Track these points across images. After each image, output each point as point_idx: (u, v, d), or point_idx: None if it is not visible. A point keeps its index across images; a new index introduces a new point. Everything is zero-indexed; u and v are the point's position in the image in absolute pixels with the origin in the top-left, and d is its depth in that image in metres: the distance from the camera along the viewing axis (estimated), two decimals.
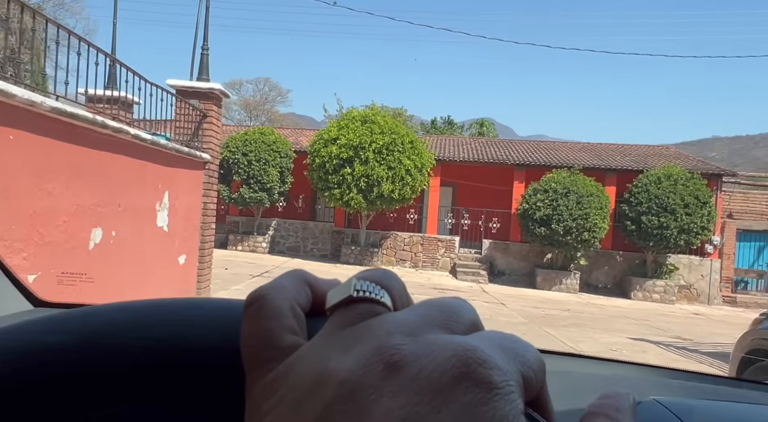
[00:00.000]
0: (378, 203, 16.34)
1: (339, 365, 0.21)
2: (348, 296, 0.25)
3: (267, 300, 0.26)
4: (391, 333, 0.23)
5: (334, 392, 0.20)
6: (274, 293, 0.26)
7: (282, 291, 0.27)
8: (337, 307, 0.26)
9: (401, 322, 0.23)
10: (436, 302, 0.26)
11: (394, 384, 0.20)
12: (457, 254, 18.36)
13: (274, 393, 0.23)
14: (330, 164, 16.11)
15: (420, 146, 16.78)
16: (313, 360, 0.23)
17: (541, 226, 16.26)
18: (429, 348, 0.21)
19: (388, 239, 18.44)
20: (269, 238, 18.25)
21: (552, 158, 18.83)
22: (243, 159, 16.81)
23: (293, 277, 0.29)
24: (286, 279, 0.28)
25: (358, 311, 0.25)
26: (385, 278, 0.27)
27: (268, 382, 0.24)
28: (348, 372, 0.21)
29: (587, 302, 15.39)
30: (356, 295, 0.25)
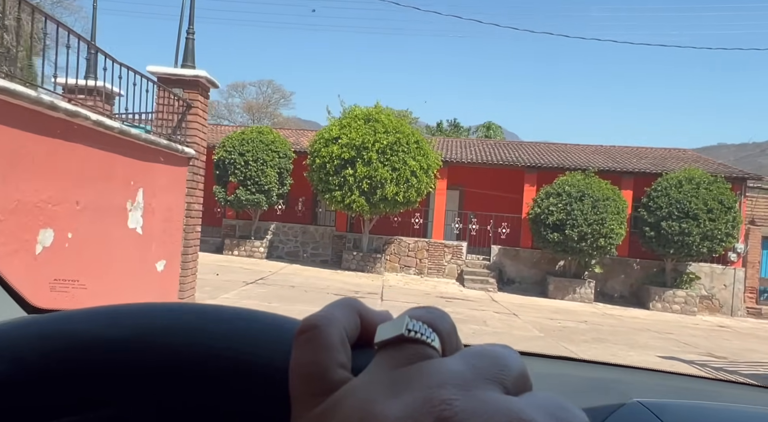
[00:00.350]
0: (381, 206, 15.48)
1: (386, 410, 0.21)
2: (399, 334, 0.25)
3: (320, 331, 0.26)
4: (443, 385, 0.22)
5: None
6: (327, 324, 0.26)
7: (335, 322, 0.27)
8: (386, 344, 0.25)
9: (453, 373, 0.23)
10: (486, 352, 0.25)
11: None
12: (464, 260, 17.46)
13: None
14: (331, 165, 15.27)
15: (426, 146, 15.91)
16: (361, 398, 0.23)
17: (553, 231, 15.35)
18: (482, 407, 0.21)
19: (392, 245, 17.55)
20: (267, 242, 17.40)
21: (564, 161, 17.92)
22: (240, 159, 15.99)
23: (346, 306, 0.28)
24: (339, 309, 0.28)
25: (408, 353, 0.24)
26: (437, 319, 0.26)
27: (315, 415, 0.23)
28: (395, 420, 0.21)
29: (604, 313, 14.45)
30: (408, 335, 0.25)
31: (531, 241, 17.17)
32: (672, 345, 10.08)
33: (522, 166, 17.47)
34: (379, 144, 15.07)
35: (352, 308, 0.28)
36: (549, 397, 0.23)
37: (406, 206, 16.05)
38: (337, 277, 15.38)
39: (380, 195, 15.21)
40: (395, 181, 15.24)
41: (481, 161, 17.78)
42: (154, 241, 6.98)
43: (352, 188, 15.24)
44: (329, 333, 0.26)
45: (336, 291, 12.85)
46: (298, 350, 0.25)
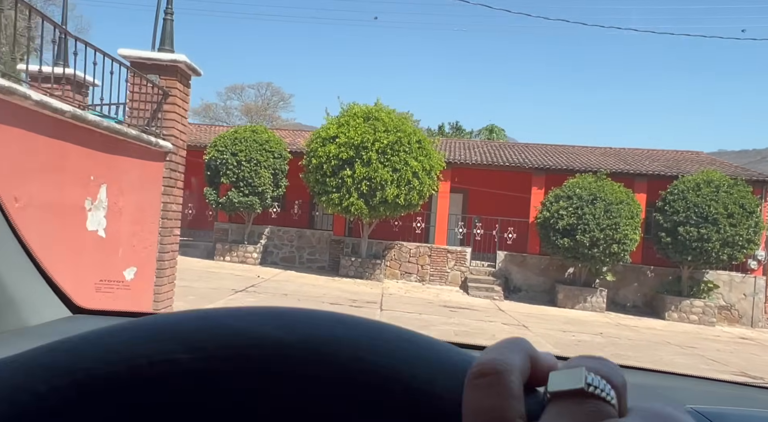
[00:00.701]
0: (381, 209, 14.61)
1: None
2: (580, 388, 0.24)
3: (503, 377, 0.25)
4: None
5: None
6: (509, 371, 0.25)
7: (515, 370, 0.26)
8: (562, 395, 0.24)
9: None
10: (659, 413, 0.24)
11: None
12: (468, 267, 16.58)
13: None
14: (328, 166, 14.42)
15: (428, 146, 15.07)
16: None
17: (563, 237, 14.48)
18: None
19: (393, 250, 16.68)
20: (261, 247, 16.53)
21: (574, 163, 17.07)
22: (232, 159, 15.14)
23: (521, 350, 0.27)
24: (517, 354, 0.27)
25: (587, 409, 0.23)
26: (613, 373, 0.25)
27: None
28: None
29: (618, 324, 13.57)
30: (588, 389, 0.24)
31: (539, 247, 16.30)
32: (699, 362, 9.19)
33: (529, 168, 16.61)
34: (379, 144, 14.23)
35: (525, 352, 0.27)
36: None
37: (408, 210, 15.20)
38: (333, 284, 14.50)
39: (380, 198, 14.36)
40: (396, 182, 14.38)
41: (486, 162, 16.92)
42: (122, 246, 6.13)
43: (350, 189, 14.39)
44: (511, 381, 0.24)
45: (332, 300, 11.98)
46: (478, 393, 0.24)
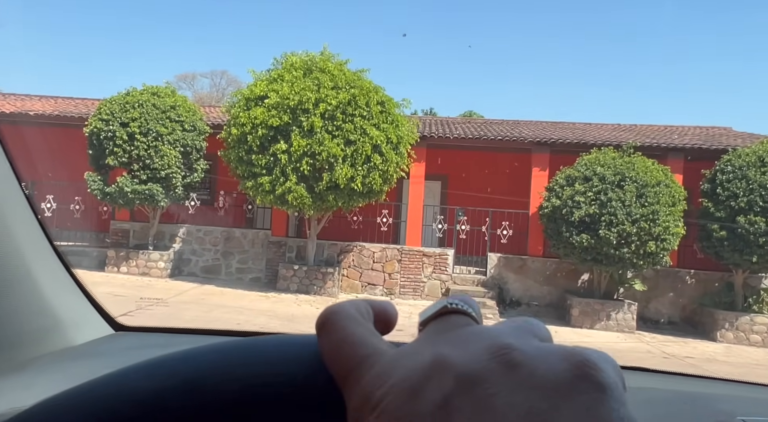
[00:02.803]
0: (330, 198, 10.49)
1: (457, 357, 0.23)
2: (444, 307, 0.28)
3: (338, 311, 0.28)
4: (500, 336, 0.24)
5: (453, 382, 0.21)
6: (341, 307, 0.28)
7: (346, 304, 0.29)
8: (431, 319, 0.28)
9: (501, 330, 0.26)
10: (517, 319, 0.28)
11: (512, 381, 0.21)
12: (451, 274, 12.57)
13: (384, 383, 0.24)
14: (254, 137, 10.24)
15: (394, 109, 11.00)
16: (424, 353, 0.24)
17: (581, 232, 10.56)
18: (539, 351, 0.23)
19: (350, 254, 12.56)
20: (173, 254, 12.21)
21: (585, 136, 13.18)
22: (121, 132, 10.82)
23: (352, 301, 0.31)
24: (350, 303, 0.30)
25: (453, 321, 0.27)
26: (469, 300, 0.30)
27: (374, 375, 0.24)
28: (466, 364, 0.22)
29: (660, 351, 9.70)
30: (450, 307, 0.28)
31: (543, 246, 12.38)
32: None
33: (528, 142, 12.65)
34: (325, 105, 10.11)
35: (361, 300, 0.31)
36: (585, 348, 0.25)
37: (368, 199, 11.11)
38: (265, 304, 10.31)
39: (328, 181, 10.23)
40: (350, 160, 10.28)
41: (472, 136, 12.90)
42: None
43: (285, 170, 10.23)
44: (348, 310, 0.27)
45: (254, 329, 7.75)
46: (326, 336, 0.26)
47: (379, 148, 10.42)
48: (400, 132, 10.88)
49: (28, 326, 0.77)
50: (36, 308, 0.78)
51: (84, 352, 0.81)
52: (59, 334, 0.81)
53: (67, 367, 0.75)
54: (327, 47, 11.10)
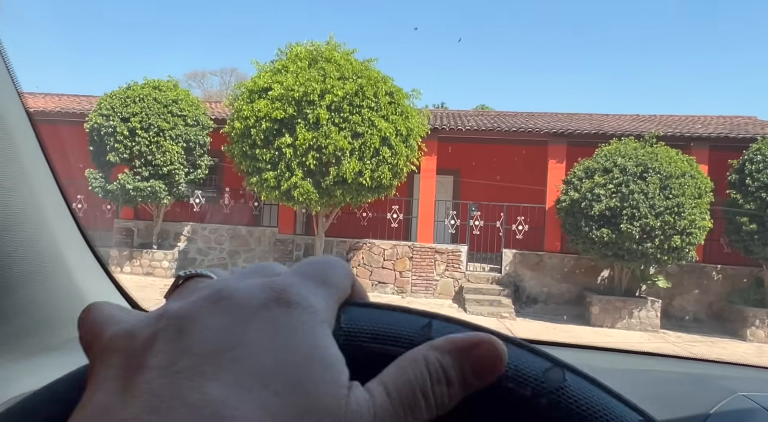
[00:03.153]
0: (338, 193, 10.08)
1: (174, 306, 0.26)
2: (177, 277, 0.31)
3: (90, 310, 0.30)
4: (217, 282, 0.28)
5: (165, 322, 0.25)
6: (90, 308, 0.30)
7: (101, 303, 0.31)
8: (170, 292, 0.31)
9: (227, 276, 0.30)
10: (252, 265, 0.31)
11: (214, 311, 0.25)
12: (464, 272, 12.10)
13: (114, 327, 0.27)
14: (258, 131, 9.85)
15: (403, 100, 10.55)
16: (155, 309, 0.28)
17: (602, 226, 10.04)
18: (246, 285, 0.27)
19: (360, 252, 12.15)
20: (177, 253, 11.88)
21: (603, 127, 12.63)
22: (122, 127, 10.49)
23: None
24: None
25: (187, 286, 0.30)
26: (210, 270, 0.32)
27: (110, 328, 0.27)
28: (178, 307, 0.26)
29: (687, 352, 9.14)
30: (185, 275, 0.31)
31: (560, 242, 11.88)
32: None
33: (544, 133, 12.13)
34: (331, 96, 9.68)
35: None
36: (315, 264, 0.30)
37: (377, 194, 10.68)
38: None
39: (335, 176, 9.82)
40: (358, 153, 9.86)
41: (485, 128, 12.40)
42: None
43: (291, 165, 9.83)
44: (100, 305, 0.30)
45: None
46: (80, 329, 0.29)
47: (388, 140, 9.99)
48: (410, 124, 10.43)
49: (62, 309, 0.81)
50: (68, 292, 0.81)
51: None
52: None
53: None
54: (333, 37, 10.68)
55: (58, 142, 12.25)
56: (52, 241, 0.77)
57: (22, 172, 0.71)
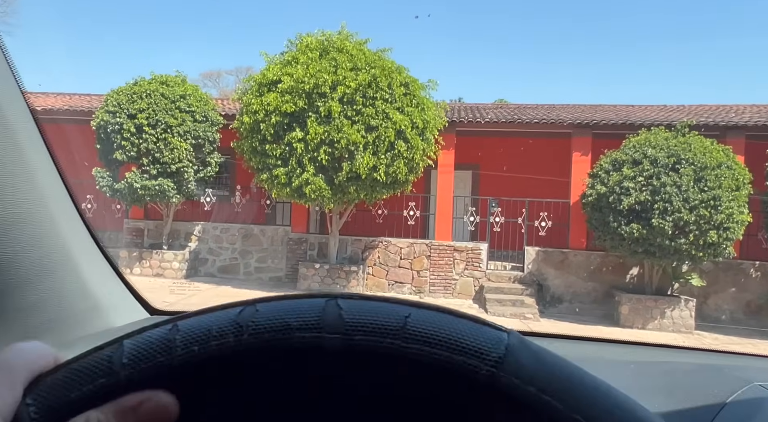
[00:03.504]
0: (351, 189, 9.63)
1: None
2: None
3: None
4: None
5: None
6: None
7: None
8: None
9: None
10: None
11: None
12: (485, 270, 11.59)
13: None
14: (267, 125, 9.44)
15: (419, 91, 10.06)
16: None
17: (631, 222, 9.46)
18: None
19: (376, 250, 11.70)
20: (188, 253, 11.55)
21: (631, 117, 11.99)
22: (129, 124, 10.16)
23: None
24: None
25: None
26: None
27: None
28: None
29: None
30: None
31: (586, 238, 11.30)
32: None
33: (568, 124, 11.55)
34: (343, 88, 9.24)
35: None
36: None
37: (392, 190, 10.22)
38: None
39: (348, 171, 9.38)
40: (372, 147, 9.40)
41: (506, 120, 11.86)
42: None
43: (302, 161, 9.41)
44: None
45: None
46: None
47: (403, 133, 9.51)
48: (427, 116, 9.94)
49: (71, 308, 0.81)
50: (78, 292, 0.82)
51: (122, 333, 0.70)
52: (100, 316, 0.87)
53: None
54: (345, 26, 10.22)
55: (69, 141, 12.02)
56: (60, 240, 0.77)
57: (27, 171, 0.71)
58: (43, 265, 0.74)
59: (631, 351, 1.23)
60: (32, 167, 0.71)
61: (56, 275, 0.77)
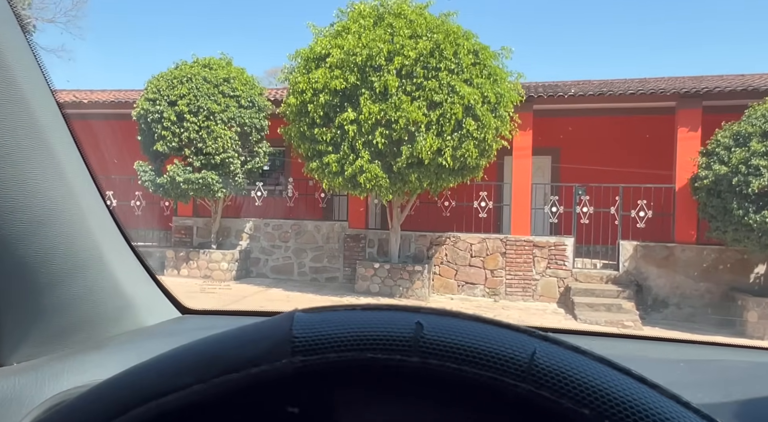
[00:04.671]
0: (412, 177, 8.31)
1: None
2: None
3: None
4: None
5: None
6: None
7: None
8: None
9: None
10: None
11: None
12: (570, 269, 9.95)
13: None
14: (316, 106, 8.27)
15: (490, 60, 8.58)
16: None
17: (762, 208, 7.58)
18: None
19: (443, 247, 10.32)
20: (238, 253, 10.62)
21: (751, 83, 9.95)
22: (169, 112, 9.31)
23: None
24: None
25: None
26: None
27: None
28: None
29: None
30: None
31: (696, 230, 9.42)
32: None
33: (673, 94, 9.66)
34: (401, 58, 7.91)
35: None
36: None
37: (461, 177, 8.81)
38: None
39: (408, 156, 8.05)
40: (436, 127, 8.03)
41: (596, 94, 10.15)
42: None
43: (354, 145, 8.17)
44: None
45: None
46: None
47: (472, 110, 8.07)
48: (500, 89, 8.44)
49: (103, 307, 0.82)
50: (110, 291, 0.82)
51: (155, 332, 0.89)
52: (132, 315, 0.87)
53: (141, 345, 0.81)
54: None
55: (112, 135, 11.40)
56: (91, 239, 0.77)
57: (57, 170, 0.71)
58: (75, 263, 0.74)
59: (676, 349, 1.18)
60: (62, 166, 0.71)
61: (88, 274, 0.77)
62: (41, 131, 0.67)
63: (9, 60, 0.63)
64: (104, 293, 0.81)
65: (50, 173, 0.68)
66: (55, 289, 0.72)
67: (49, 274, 0.70)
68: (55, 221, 0.69)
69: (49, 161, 0.68)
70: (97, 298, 0.80)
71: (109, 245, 0.81)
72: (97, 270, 0.78)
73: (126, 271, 0.86)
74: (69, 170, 0.72)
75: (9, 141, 0.62)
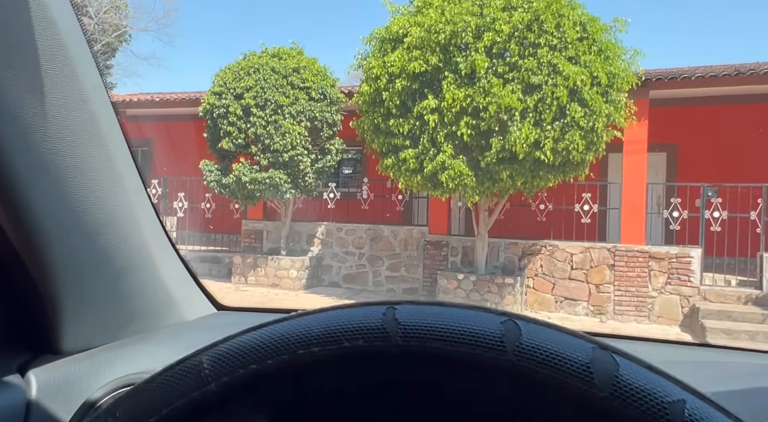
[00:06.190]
0: (504, 175, 7.03)
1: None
2: None
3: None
4: None
5: None
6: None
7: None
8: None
9: None
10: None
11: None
12: (697, 286, 8.23)
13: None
14: (392, 94, 7.21)
15: (600, 35, 7.14)
16: None
17: None
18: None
19: (537, 257, 8.91)
20: (309, 260, 9.75)
21: None
22: (235, 106, 8.60)
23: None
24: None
25: None
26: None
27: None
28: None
29: None
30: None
31: None
32: None
33: None
34: (492, 34, 6.68)
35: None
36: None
37: (562, 174, 7.41)
38: None
39: (499, 150, 6.79)
40: (533, 115, 6.71)
41: (732, 74, 8.39)
42: None
43: (435, 138, 7.02)
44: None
45: None
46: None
47: (578, 93, 6.68)
48: (613, 68, 6.98)
49: (151, 302, 0.87)
50: (156, 288, 0.87)
51: (194, 326, 0.94)
52: (174, 310, 0.92)
53: (183, 338, 0.87)
54: None
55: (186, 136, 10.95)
56: (142, 239, 0.82)
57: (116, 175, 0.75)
58: (130, 262, 0.79)
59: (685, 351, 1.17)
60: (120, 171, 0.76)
61: (139, 272, 0.82)
62: (105, 141, 0.72)
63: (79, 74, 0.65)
64: (152, 290, 0.86)
65: (112, 180, 0.73)
66: (113, 286, 0.77)
67: (109, 272, 0.76)
68: (115, 224, 0.75)
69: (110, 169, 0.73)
70: (146, 294, 0.85)
71: (156, 246, 0.86)
72: (146, 269, 0.83)
73: (170, 270, 0.90)
74: (126, 177, 0.77)
75: (81, 152, 0.67)
